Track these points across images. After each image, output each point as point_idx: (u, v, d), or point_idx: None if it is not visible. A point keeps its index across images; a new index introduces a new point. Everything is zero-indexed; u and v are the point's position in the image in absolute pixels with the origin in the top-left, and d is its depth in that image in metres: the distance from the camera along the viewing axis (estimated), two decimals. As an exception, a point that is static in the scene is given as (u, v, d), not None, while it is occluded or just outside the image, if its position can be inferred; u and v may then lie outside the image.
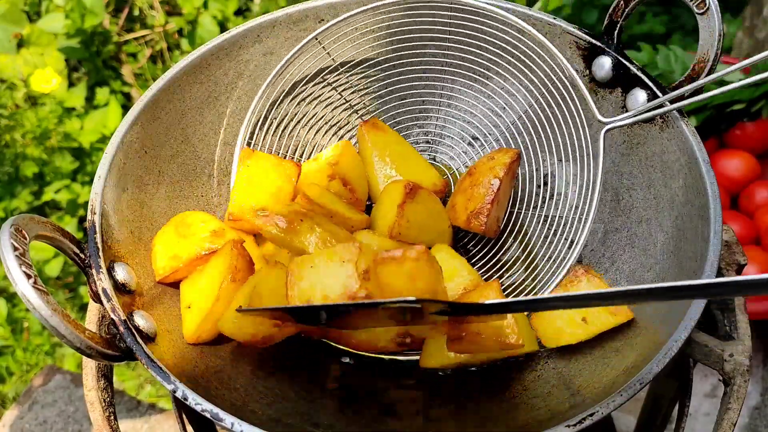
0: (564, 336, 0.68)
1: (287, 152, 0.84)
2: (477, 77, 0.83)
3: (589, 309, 0.68)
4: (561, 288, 0.71)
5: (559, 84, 0.76)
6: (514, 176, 0.78)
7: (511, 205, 0.81)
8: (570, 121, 0.76)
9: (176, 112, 0.75)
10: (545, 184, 0.82)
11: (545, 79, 0.77)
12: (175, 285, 0.70)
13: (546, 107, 0.78)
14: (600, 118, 0.71)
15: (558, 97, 0.76)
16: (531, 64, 0.78)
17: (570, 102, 0.75)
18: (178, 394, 0.54)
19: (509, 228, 0.80)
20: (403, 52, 0.83)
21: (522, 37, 0.76)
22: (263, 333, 0.63)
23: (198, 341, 0.65)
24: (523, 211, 0.81)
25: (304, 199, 0.70)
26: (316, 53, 0.81)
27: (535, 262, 0.78)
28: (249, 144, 0.80)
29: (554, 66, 0.76)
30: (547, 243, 0.78)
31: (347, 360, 0.72)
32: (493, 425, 0.62)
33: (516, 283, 0.77)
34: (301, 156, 0.84)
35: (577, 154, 0.77)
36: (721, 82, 1.22)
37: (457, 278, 0.71)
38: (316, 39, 0.79)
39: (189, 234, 0.70)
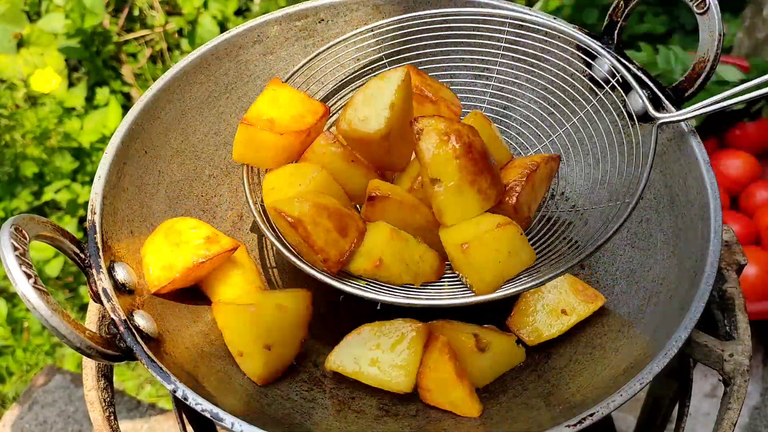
0: (544, 332, 0.69)
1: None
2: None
3: (568, 300, 0.69)
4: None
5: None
6: (551, 175, 0.74)
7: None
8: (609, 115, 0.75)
9: (176, 112, 0.75)
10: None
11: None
12: (169, 296, 0.67)
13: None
14: (653, 113, 0.69)
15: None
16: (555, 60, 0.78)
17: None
18: (178, 394, 0.55)
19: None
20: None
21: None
22: None
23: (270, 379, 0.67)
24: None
25: None
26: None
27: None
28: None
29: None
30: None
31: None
32: (492, 426, 0.62)
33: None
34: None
35: (625, 150, 0.74)
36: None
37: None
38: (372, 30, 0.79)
39: (181, 242, 0.67)
